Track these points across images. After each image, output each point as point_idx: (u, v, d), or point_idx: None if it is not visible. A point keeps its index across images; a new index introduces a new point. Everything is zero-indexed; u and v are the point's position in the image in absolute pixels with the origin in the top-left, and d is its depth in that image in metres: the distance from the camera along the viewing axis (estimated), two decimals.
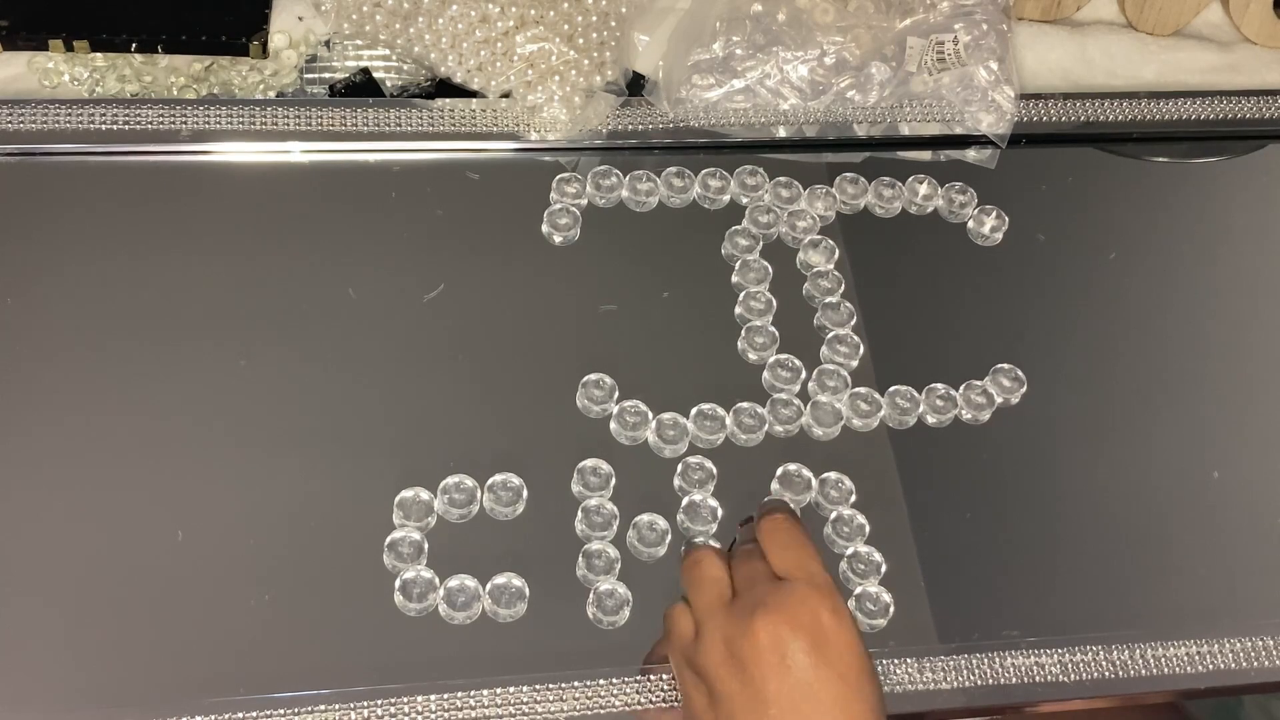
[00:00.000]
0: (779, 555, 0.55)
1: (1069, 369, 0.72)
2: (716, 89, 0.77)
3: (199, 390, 0.65)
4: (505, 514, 0.63)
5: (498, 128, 0.76)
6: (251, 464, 0.63)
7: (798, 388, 0.69)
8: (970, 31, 0.78)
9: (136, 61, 0.77)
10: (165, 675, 0.57)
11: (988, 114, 0.78)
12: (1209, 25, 0.89)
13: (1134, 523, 0.67)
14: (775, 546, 0.55)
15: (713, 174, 0.76)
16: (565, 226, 0.74)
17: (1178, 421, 0.71)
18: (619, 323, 0.71)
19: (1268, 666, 0.62)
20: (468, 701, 0.58)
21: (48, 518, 0.61)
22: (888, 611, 0.61)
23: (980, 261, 0.76)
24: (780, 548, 0.55)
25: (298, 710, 0.57)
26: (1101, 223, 0.79)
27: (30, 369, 0.65)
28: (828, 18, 0.77)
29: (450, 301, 0.70)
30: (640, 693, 0.58)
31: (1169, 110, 0.82)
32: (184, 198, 0.72)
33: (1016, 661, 0.61)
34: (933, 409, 0.69)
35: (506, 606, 0.60)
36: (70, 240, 0.70)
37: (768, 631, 0.51)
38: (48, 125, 0.72)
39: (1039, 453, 0.69)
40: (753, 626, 0.51)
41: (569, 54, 0.75)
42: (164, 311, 0.68)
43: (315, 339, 0.68)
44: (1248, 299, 0.77)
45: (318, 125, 0.74)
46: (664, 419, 0.67)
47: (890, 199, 0.77)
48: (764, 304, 0.72)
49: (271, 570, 0.61)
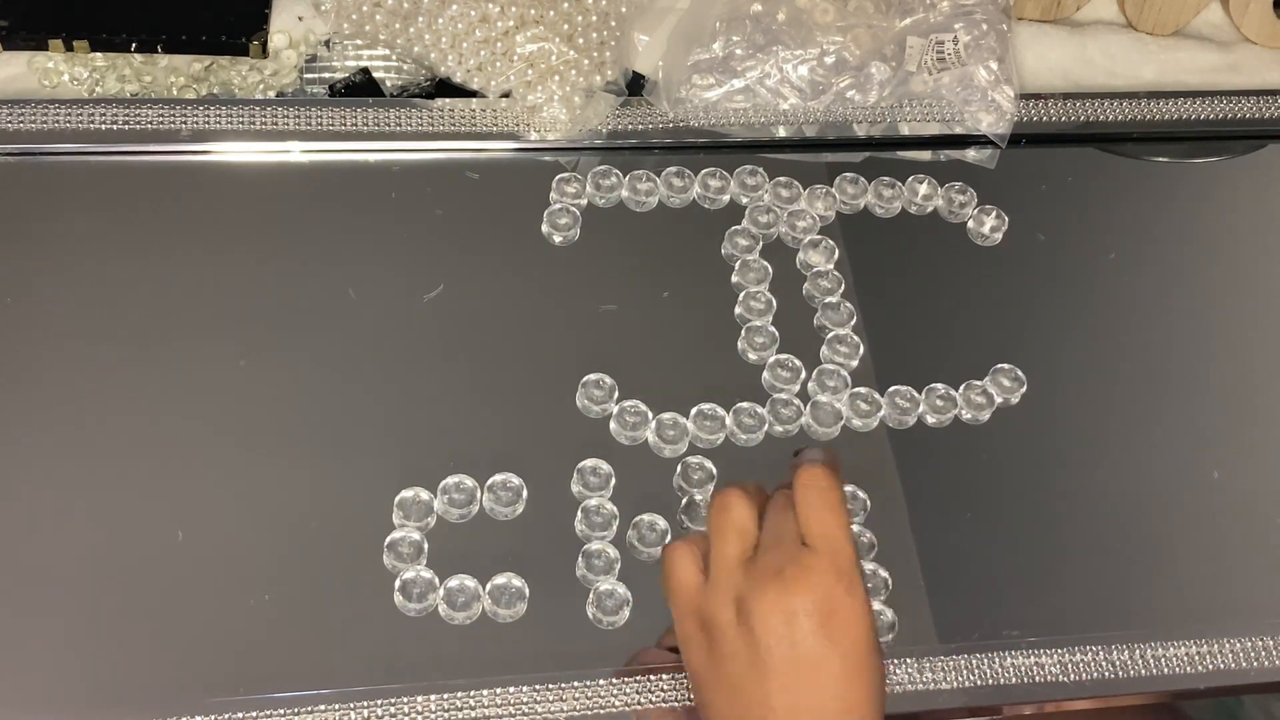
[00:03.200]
0: (809, 517, 0.53)
1: (1069, 369, 0.72)
2: (716, 89, 0.77)
3: (199, 390, 0.65)
4: (505, 514, 0.63)
5: (498, 128, 0.76)
6: (251, 464, 0.63)
7: (798, 388, 0.69)
8: (970, 31, 0.78)
9: (136, 61, 0.77)
10: (165, 675, 0.57)
11: (988, 114, 0.78)
12: (1209, 25, 0.89)
13: (1134, 523, 0.67)
14: (806, 507, 0.53)
15: (712, 174, 0.76)
16: (565, 226, 0.74)
17: (1178, 421, 0.71)
18: (619, 323, 0.71)
19: (1268, 666, 0.62)
20: (467, 701, 0.57)
21: (47, 517, 0.61)
22: (893, 628, 0.61)
23: (980, 261, 0.76)
24: (811, 509, 0.53)
25: (298, 710, 0.56)
26: (1101, 223, 0.79)
27: (30, 369, 0.65)
28: (828, 17, 0.77)
29: (450, 301, 0.70)
30: (640, 693, 0.58)
31: (1169, 110, 0.82)
32: (184, 198, 0.72)
33: (1016, 661, 0.61)
34: (933, 409, 0.69)
35: (506, 606, 0.60)
36: (70, 240, 0.70)
37: (782, 601, 0.50)
38: (48, 125, 0.72)
39: (1039, 453, 0.69)
40: (768, 593, 0.51)
41: (569, 54, 0.75)
42: (164, 311, 0.68)
43: (315, 339, 0.68)
44: (1248, 299, 0.77)
45: (318, 125, 0.74)
46: (664, 419, 0.67)
47: (890, 199, 0.77)
48: (764, 304, 0.72)
49: (271, 570, 0.61)
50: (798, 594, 0.50)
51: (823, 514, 0.53)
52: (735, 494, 0.55)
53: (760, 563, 0.52)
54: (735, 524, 0.54)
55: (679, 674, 0.59)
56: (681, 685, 0.58)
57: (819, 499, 0.53)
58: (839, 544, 0.52)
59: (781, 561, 0.51)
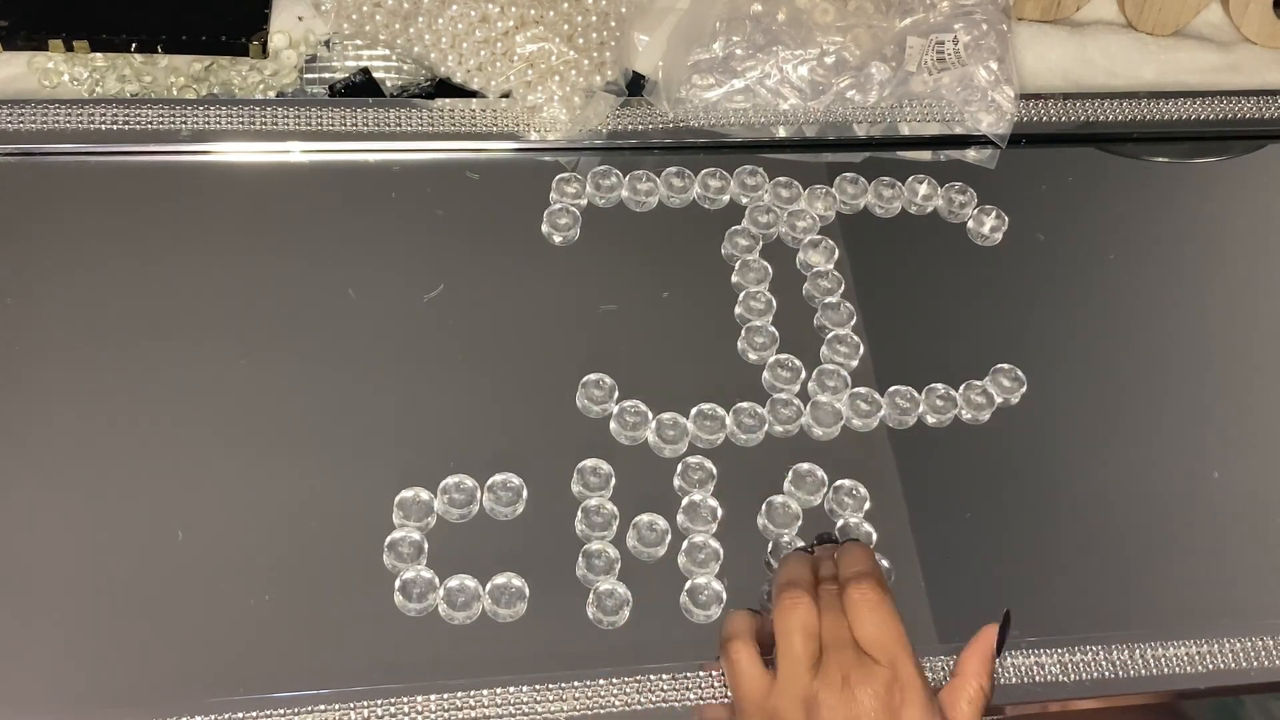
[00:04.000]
0: (865, 633, 0.55)
1: (1069, 369, 0.72)
2: (716, 89, 0.77)
3: (199, 390, 0.65)
4: (505, 514, 0.63)
5: (498, 128, 0.76)
6: (251, 464, 0.63)
7: (798, 388, 0.69)
8: (970, 31, 0.78)
9: (136, 61, 0.77)
10: (165, 675, 0.57)
11: (988, 114, 0.78)
12: (1209, 25, 0.89)
13: (1134, 523, 0.67)
14: (861, 624, 0.55)
15: (712, 174, 0.76)
16: (565, 226, 0.74)
17: (1178, 421, 0.71)
18: (619, 323, 0.71)
19: (1268, 666, 0.62)
20: (468, 701, 0.58)
21: (47, 517, 0.61)
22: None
23: (980, 261, 0.76)
24: (866, 625, 0.55)
25: (298, 710, 0.57)
26: (1101, 223, 0.79)
27: (30, 369, 0.65)
28: (828, 18, 0.77)
29: (450, 301, 0.70)
30: (640, 693, 0.58)
31: (1169, 110, 0.82)
32: (184, 198, 0.72)
33: (1016, 661, 0.61)
34: (933, 409, 0.69)
35: (506, 606, 0.60)
36: (70, 240, 0.70)
37: (849, 707, 0.52)
38: (48, 125, 0.72)
39: (1039, 453, 0.69)
40: (834, 697, 0.53)
41: (569, 54, 0.75)
42: (164, 311, 0.68)
43: (315, 339, 0.68)
44: (1248, 299, 0.77)
45: (318, 125, 0.74)
46: (664, 419, 0.67)
47: (890, 199, 0.77)
48: (764, 304, 0.72)
49: (271, 570, 0.61)
50: (863, 699, 0.52)
51: (880, 629, 0.55)
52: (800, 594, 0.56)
53: (828, 665, 0.54)
54: (805, 625, 0.55)
55: (679, 674, 0.59)
56: (682, 685, 0.58)
57: (873, 615, 0.55)
58: (899, 655, 0.54)
59: (847, 667, 0.53)
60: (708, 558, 0.62)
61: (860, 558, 0.58)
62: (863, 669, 0.53)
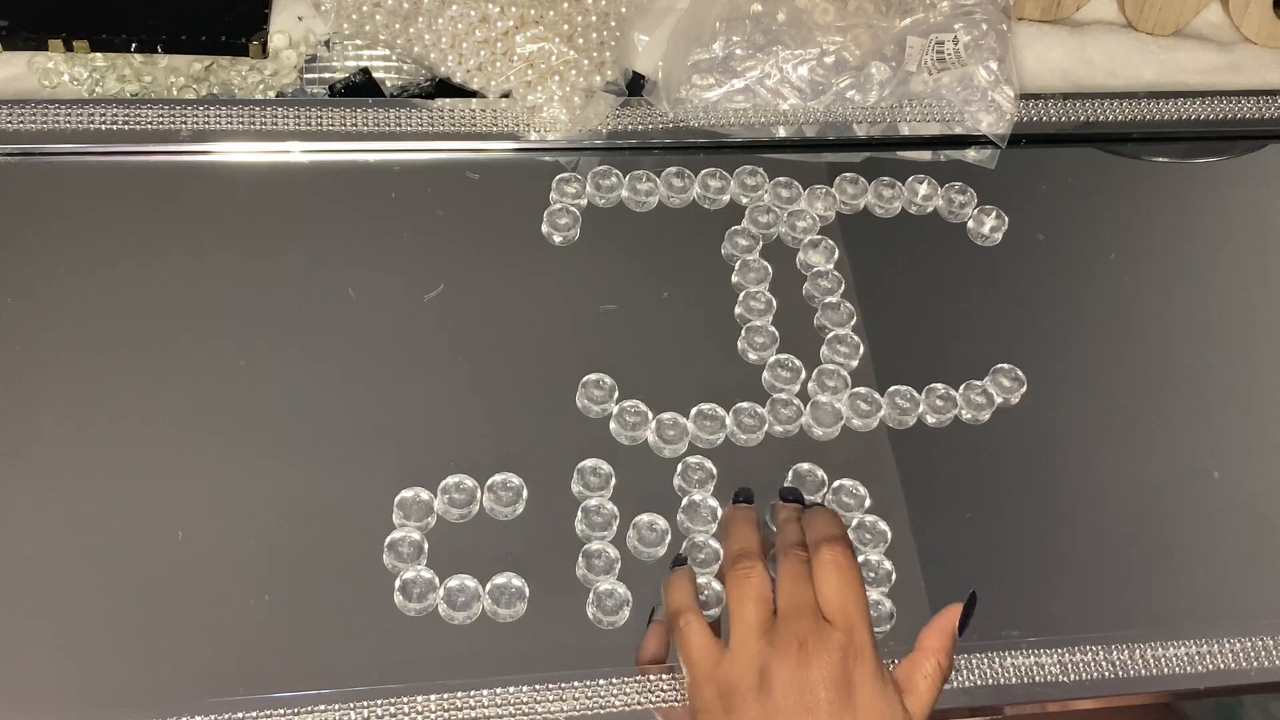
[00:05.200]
0: (829, 595, 0.54)
1: (1069, 369, 0.72)
2: (716, 89, 0.77)
3: (199, 390, 0.65)
4: (505, 514, 0.63)
5: (498, 128, 0.76)
6: (251, 464, 0.63)
7: (798, 388, 0.69)
8: (970, 31, 0.78)
9: (136, 61, 0.77)
10: (165, 675, 0.57)
11: (987, 114, 0.78)
12: (1209, 25, 0.89)
13: (1134, 523, 0.67)
14: (827, 586, 0.55)
15: (712, 174, 0.76)
16: (565, 226, 0.74)
17: (1178, 421, 0.71)
18: (619, 323, 0.71)
19: (1267, 666, 0.62)
20: (468, 701, 0.58)
21: (47, 517, 0.61)
22: (891, 618, 0.61)
23: (980, 261, 0.76)
24: (831, 587, 0.55)
25: (298, 710, 0.57)
26: (1101, 223, 0.79)
27: (30, 369, 0.65)
28: (828, 18, 0.77)
29: (450, 301, 0.70)
30: (640, 693, 0.58)
31: (1169, 110, 0.82)
32: (184, 198, 0.72)
33: (1016, 661, 0.61)
34: (933, 409, 0.69)
35: (506, 606, 0.60)
36: (70, 240, 0.70)
37: (803, 673, 0.52)
38: (48, 125, 0.72)
39: (1039, 453, 0.69)
40: (788, 664, 0.52)
41: (569, 54, 0.75)
42: (164, 311, 0.68)
43: (315, 339, 0.68)
44: (1248, 299, 0.77)
45: (318, 125, 0.74)
46: (664, 419, 0.67)
47: (890, 199, 0.77)
48: (764, 304, 0.72)
49: (271, 570, 0.61)
50: (818, 667, 0.52)
51: (843, 593, 0.54)
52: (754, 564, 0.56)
53: (782, 632, 0.53)
54: (758, 592, 0.55)
55: (679, 674, 0.59)
56: (682, 685, 0.58)
57: (839, 578, 0.55)
58: (856, 622, 0.54)
59: (804, 633, 0.53)
60: (708, 558, 0.62)
61: (831, 522, 0.58)
62: (819, 635, 0.53)
